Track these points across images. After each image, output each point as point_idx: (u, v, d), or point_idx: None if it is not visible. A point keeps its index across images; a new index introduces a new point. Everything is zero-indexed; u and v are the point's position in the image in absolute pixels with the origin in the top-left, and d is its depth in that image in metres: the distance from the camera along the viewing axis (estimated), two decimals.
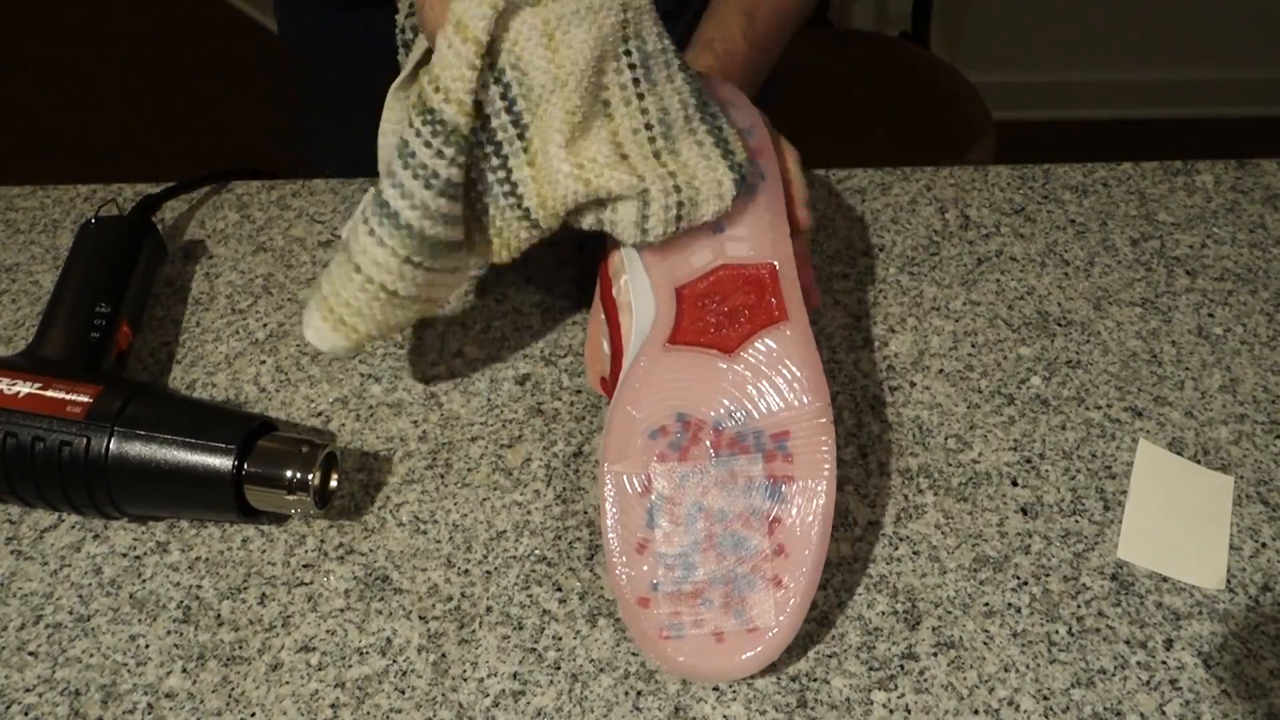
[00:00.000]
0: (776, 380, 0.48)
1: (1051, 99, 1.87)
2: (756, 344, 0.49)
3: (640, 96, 0.48)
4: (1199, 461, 0.55)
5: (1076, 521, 0.52)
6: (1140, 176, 0.69)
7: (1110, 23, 1.78)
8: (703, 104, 0.49)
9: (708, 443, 0.48)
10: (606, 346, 0.53)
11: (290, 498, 0.49)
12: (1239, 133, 1.87)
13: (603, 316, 0.54)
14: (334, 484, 0.52)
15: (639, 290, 0.51)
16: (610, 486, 0.47)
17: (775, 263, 0.50)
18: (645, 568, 0.46)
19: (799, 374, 0.48)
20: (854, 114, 1.11)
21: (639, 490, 0.47)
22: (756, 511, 0.47)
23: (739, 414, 0.48)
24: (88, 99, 2.11)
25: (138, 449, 0.49)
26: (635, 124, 0.48)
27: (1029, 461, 0.55)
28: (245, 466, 0.49)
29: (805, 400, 0.48)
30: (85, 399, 0.50)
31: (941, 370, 0.58)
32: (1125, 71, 1.85)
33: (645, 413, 0.48)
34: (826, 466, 0.47)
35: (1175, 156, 0.70)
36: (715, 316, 0.49)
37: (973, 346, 0.59)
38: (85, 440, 0.49)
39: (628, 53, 0.47)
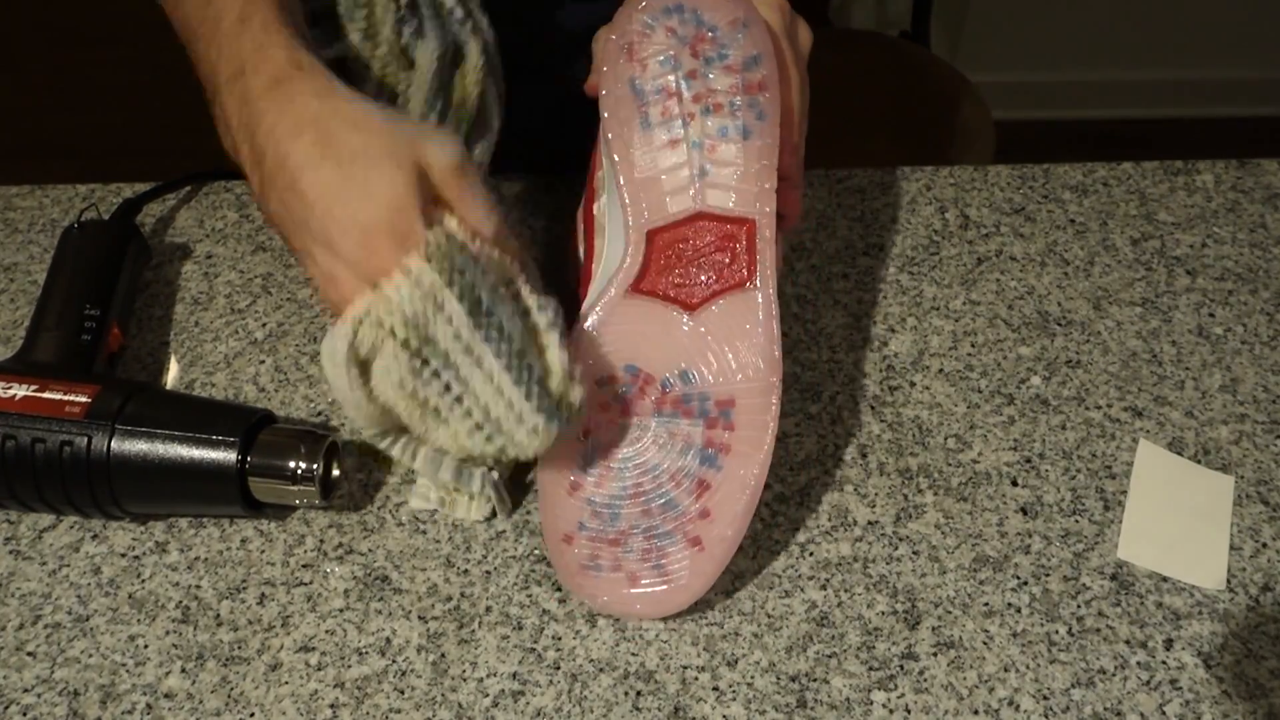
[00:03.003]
0: (732, 346, 0.47)
1: (1051, 99, 1.87)
2: (719, 305, 0.48)
3: (460, 400, 0.44)
4: (1199, 461, 0.55)
5: (1076, 521, 0.52)
6: (1140, 176, 0.69)
7: (1110, 23, 1.78)
8: (521, 356, 0.44)
9: (652, 399, 0.48)
10: (582, 254, 0.54)
11: (294, 488, 0.49)
12: (1239, 133, 1.87)
13: (582, 227, 0.54)
14: (336, 474, 0.52)
15: (613, 220, 0.51)
16: None
17: (755, 219, 0.48)
18: (574, 508, 0.47)
19: (756, 344, 0.47)
20: (854, 114, 1.11)
21: (578, 434, 0.48)
22: (688, 473, 0.47)
23: (689, 375, 0.48)
24: (88, 99, 2.11)
25: (140, 446, 0.49)
26: (468, 426, 0.45)
27: (1029, 461, 0.54)
28: (249, 459, 0.49)
29: (757, 372, 0.47)
30: (84, 399, 0.50)
31: (941, 370, 0.58)
32: (1125, 71, 1.85)
33: (596, 359, 0.48)
34: (766, 440, 0.47)
35: (1175, 156, 0.70)
36: (682, 269, 0.48)
37: (972, 346, 0.59)
38: (86, 439, 0.49)
39: (425, 362, 0.44)
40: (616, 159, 0.49)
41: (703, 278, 0.48)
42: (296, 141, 0.43)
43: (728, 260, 0.48)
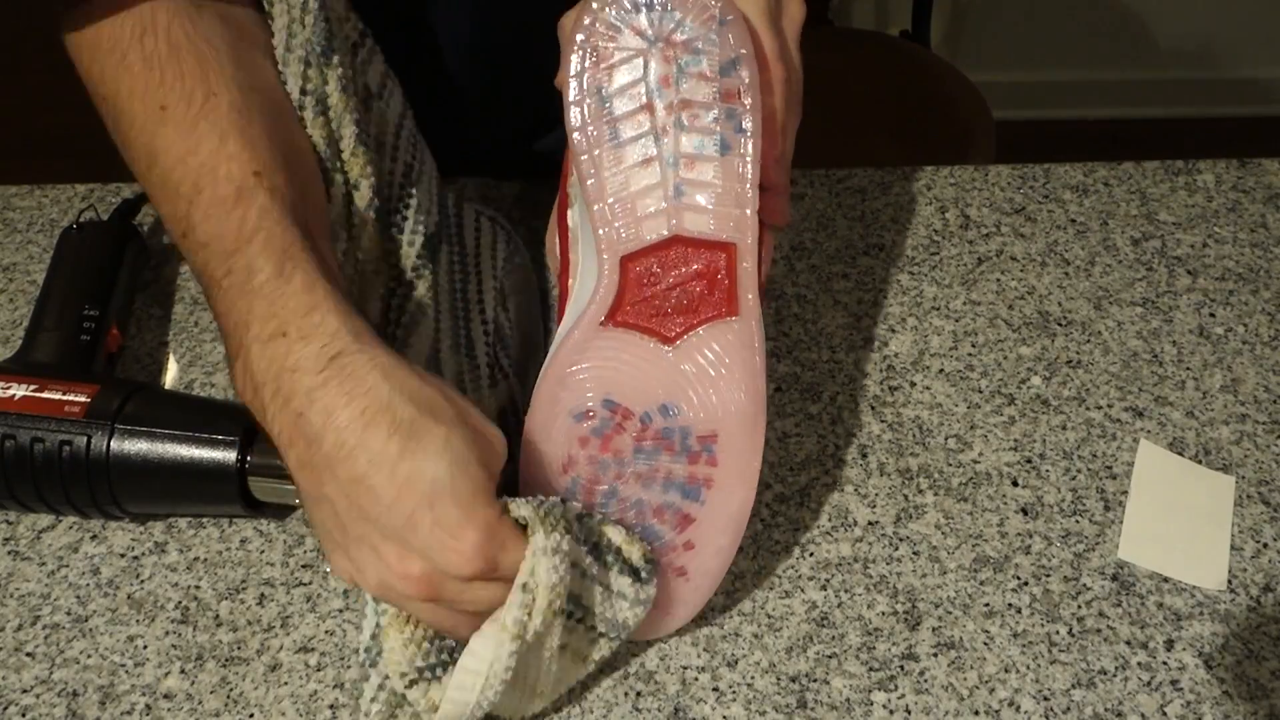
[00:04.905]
0: (714, 379, 0.45)
1: (1051, 99, 1.87)
2: (699, 336, 0.46)
3: (581, 621, 0.44)
4: (1200, 462, 0.55)
5: (1077, 522, 0.52)
6: (1141, 176, 0.69)
7: (1110, 23, 1.78)
8: (617, 554, 0.44)
9: (632, 434, 0.46)
10: (556, 262, 0.52)
11: (294, 487, 0.49)
12: (1239, 133, 1.87)
13: (557, 233, 0.52)
14: None
15: (586, 240, 0.48)
16: (530, 460, 0.46)
17: (735, 244, 0.45)
18: None
19: (738, 376, 0.45)
20: (854, 114, 1.11)
21: (558, 468, 0.46)
22: (671, 506, 0.46)
23: (669, 409, 0.46)
24: (87, 99, 2.11)
25: (139, 446, 0.49)
26: (590, 639, 0.44)
27: (1029, 461, 0.54)
28: (249, 458, 0.49)
29: (740, 405, 0.45)
30: (83, 398, 0.50)
31: (942, 370, 0.58)
32: (1125, 71, 1.85)
33: (572, 393, 0.46)
34: (750, 473, 0.45)
35: (1176, 156, 0.70)
36: (660, 299, 0.46)
37: (973, 346, 0.59)
38: (86, 439, 0.49)
39: (569, 615, 0.43)
40: (587, 180, 0.46)
41: (681, 307, 0.46)
42: (369, 432, 0.39)
43: (707, 289, 0.46)
